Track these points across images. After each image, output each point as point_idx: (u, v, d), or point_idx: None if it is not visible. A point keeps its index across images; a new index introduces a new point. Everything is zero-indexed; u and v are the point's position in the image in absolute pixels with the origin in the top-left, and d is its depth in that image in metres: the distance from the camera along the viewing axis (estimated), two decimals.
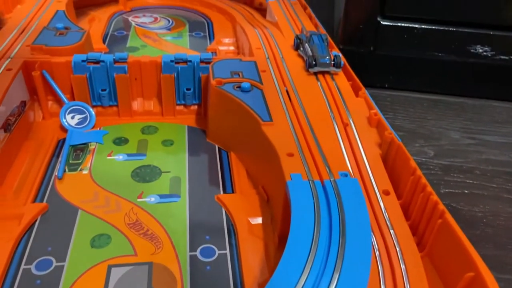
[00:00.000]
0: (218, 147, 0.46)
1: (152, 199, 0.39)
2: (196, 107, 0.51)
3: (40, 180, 0.40)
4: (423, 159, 0.52)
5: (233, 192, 0.40)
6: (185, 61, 0.49)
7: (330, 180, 0.33)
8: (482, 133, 0.58)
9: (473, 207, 0.45)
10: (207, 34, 0.72)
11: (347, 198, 0.31)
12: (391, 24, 0.63)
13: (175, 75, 0.49)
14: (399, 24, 0.63)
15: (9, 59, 0.46)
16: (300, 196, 0.31)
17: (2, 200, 0.37)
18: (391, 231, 0.33)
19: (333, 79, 0.47)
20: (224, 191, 0.41)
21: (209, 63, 0.49)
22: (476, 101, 0.65)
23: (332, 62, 0.48)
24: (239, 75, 0.46)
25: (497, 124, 0.60)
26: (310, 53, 0.49)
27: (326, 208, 0.31)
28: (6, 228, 0.34)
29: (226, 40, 0.69)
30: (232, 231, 0.36)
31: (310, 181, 0.33)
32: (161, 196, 0.39)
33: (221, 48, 0.67)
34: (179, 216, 0.37)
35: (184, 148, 0.46)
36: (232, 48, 0.68)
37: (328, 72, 0.49)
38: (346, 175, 0.34)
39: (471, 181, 0.49)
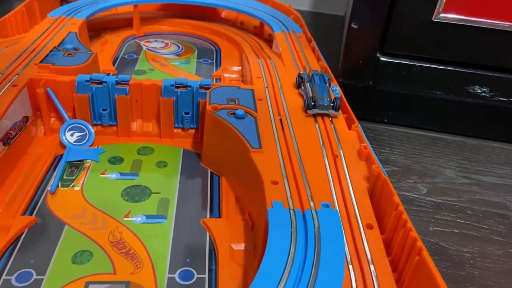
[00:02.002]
0: (211, 172, 0.47)
1: (139, 219, 0.39)
2: (193, 131, 0.52)
3: (32, 194, 0.41)
4: (415, 196, 0.52)
5: (219, 217, 0.41)
6: (185, 86, 0.50)
7: (311, 210, 0.33)
8: (478, 173, 0.57)
9: (462, 247, 0.44)
10: (214, 61, 0.74)
11: (325, 230, 0.31)
12: (390, 60, 0.64)
13: (175, 99, 0.50)
14: (398, 61, 0.64)
15: (16, 75, 0.48)
16: (278, 224, 0.31)
17: None
18: (371, 266, 0.32)
19: (331, 121, 0.47)
20: (211, 215, 0.41)
21: (208, 89, 0.50)
22: (475, 140, 0.65)
23: (332, 105, 0.47)
24: (235, 102, 0.48)
25: (494, 165, 0.59)
26: (310, 94, 0.48)
27: (304, 237, 0.31)
28: None
29: (232, 68, 0.71)
30: (214, 256, 0.36)
31: (291, 210, 0.33)
32: (147, 217, 0.40)
33: (226, 75, 0.69)
34: (163, 237, 0.38)
35: (177, 171, 0.47)
36: (236, 76, 0.69)
37: (327, 115, 0.48)
38: (327, 206, 0.34)
39: (462, 221, 0.49)
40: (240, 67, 0.72)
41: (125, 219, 0.39)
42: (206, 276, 0.34)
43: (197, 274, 0.34)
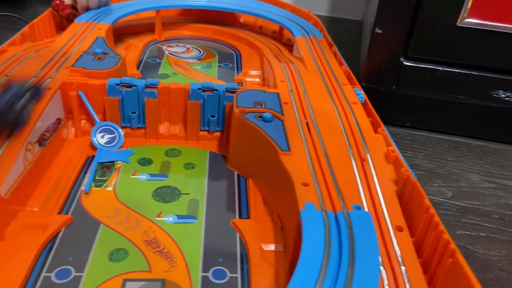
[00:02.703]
0: (237, 174, 0.48)
1: (170, 219, 0.40)
2: (219, 133, 0.53)
3: (67, 193, 0.42)
4: (441, 199, 0.52)
5: (248, 218, 0.41)
6: (212, 90, 0.51)
7: (343, 212, 0.34)
8: (502, 178, 0.57)
9: (489, 250, 0.44)
10: (235, 65, 0.75)
11: (358, 231, 0.32)
12: (413, 65, 0.64)
13: (202, 102, 0.51)
14: (422, 66, 0.64)
15: (50, 79, 0.50)
16: (312, 225, 0.32)
17: (30, 210, 0.39)
18: (402, 267, 0.33)
19: (357, 125, 0.47)
20: (240, 216, 0.42)
21: (234, 92, 0.51)
22: (498, 145, 0.65)
23: None
24: (261, 106, 0.48)
25: None
26: None
27: (337, 239, 0.31)
28: (31, 236, 0.36)
29: (253, 72, 0.72)
30: (245, 256, 0.37)
31: (323, 211, 0.34)
32: (178, 217, 0.41)
33: (247, 79, 0.70)
34: (195, 237, 0.39)
35: (204, 172, 0.48)
36: (258, 80, 0.70)
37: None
38: (359, 208, 0.35)
39: (488, 225, 0.49)
40: (260, 71, 0.73)
41: (157, 218, 0.40)
42: (239, 275, 0.35)
43: (230, 273, 0.35)
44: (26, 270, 0.33)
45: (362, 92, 0.54)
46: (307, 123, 0.47)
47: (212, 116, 0.52)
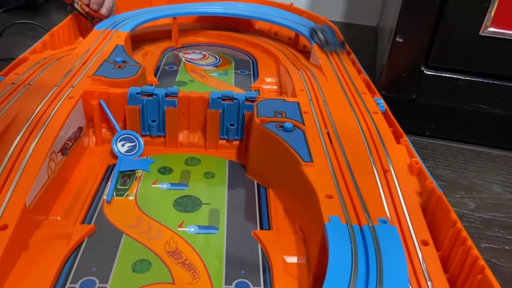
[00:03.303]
0: (257, 183, 0.48)
1: (192, 229, 0.40)
2: (238, 142, 0.53)
3: (89, 203, 0.42)
4: (464, 211, 0.51)
5: (269, 229, 0.41)
6: (231, 99, 0.51)
7: (369, 226, 0.33)
8: None
9: None
10: (251, 72, 0.75)
11: (385, 246, 0.31)
12: (434, 74, 0.63)
13: (221, 111, 0.51)
14: (443, 75, 0.63)
15: (72, 88, 0.50)
16: (338, 240, 0.32)
17: (53, 219, 0.40)
18: (429, 283, 0.32)
19: (379, 135, 0.47)
20: (261, 227, 0.41)
21: (254, 101, 0.51)
22: None
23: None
24: (282, 115, 0.48)
25: None
26: (323, 38, 0.69)
27: (364, 254, 0.31)
28: (55, 246, 0.36)
29: (270, 79, 0.72)
30: (267, 268, 0.37)
31: (348, 225, 0.33)
32: (200, 227, 0.41)
33: (264, 86, 0.70)
34: (217, 248, 0.38)
35: (224, 182, 0.48)
36: (275, 87, 0.70)
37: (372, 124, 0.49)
38: (385, 222, 0.34)
39: None
40: (277, 79, 0.72)
41: (179, 229, 0.40)
42: None
43: (253, 286, 0.35)
44: (51, 281, 0.33)
45: (382, 101, 0.54)
46: (328, 133, 0.46)
47: (231, 125, 0.52)
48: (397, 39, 0.60)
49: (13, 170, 0.37)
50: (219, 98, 0.51)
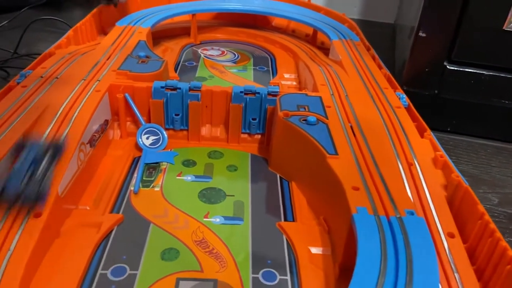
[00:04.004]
0: (280, 176, 0.48)
1: (217, 220, 0.41)
2: (259, 136, 0.54)
3: (117, 193, 0.43)
4: (487, 206, 0.51)
5: (293, 221, 0.42)
6: (254, 93, 0.52)
7: (396, 217, 0.34)
8: None
9: None
10: (270, 68, 0.76)
11: (414, 238, 0.31)
12: (457, 69, 0.63)
13: (243, 105, 0.52)
14: (466, 70, 0.63)
15: (98, 81, 0.51)
16: (366, 230, 0.32)
17: (83, 209, 0.41)
18: (456, 274, 0.32)
19: (403, 129, 0.47)
20: (285, 219, 0.42)
21: (276, 95, 0.52)
22: None
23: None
24: (305, 109, 0.49)
25: None
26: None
27: (392, 245, 0.31)
28: (86, 235, 0.37)
29: (288, 75, 0.72)
30: (293, 258, 0.37)
31: (376, 216, 0.33)
32: (225, 218, 0.41)
33: (283, 82, 0.70)
34: (242, 238, 0.39)
35: (247, 174, 0.48)
36: (294, 83, 0.70)
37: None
38: (412, 213, 0.34)
39: None
40: (296, 75, 0.73)
41: (204, 219, 0.41)
42: (288, 278, 0.35)
43: (279, 275, 0.35)
44: (83, 267, 0.34)
45: (405, 96, 0.54)
46: (351, 127, 0.46)
47: (253, 119, 0.53)
48: (420, 34, 0.60)
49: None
50: (241, 92, 0.52)
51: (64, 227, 0.38)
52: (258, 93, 0.52)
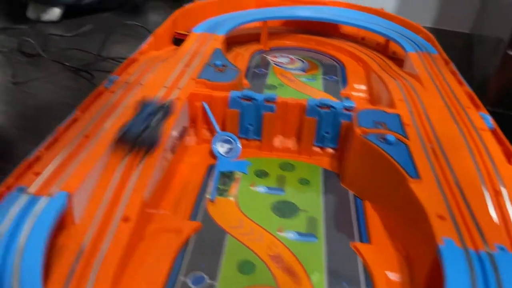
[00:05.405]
0: (353, 194, 0.47)
1: (291, 235, 0.41)
2: (331, 150, 0.53)
3: (194, 200, 0.44)
4: None
5: (369, 242, 0.41)
6: (329, 107, 0.51)
7: (486, 252, 0.32)
8: None
9: None
10: (339, 78, 0.75)
11: (507, 277, 0.30)
12: None
13: (318, 118, 0.52)
14: None
15: (178, 89, 0.53)
16: (455, 265, 0.31)
17: (163, 214, 0.42)
18: None
19: (488, 154, 0.45)
20: (360, 240, 0.41)
21: (351, 110, 0.51)
22: None
23: None
24: (382, 126, 0.47)
25: None
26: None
27: (483, 283, 0.30)
28: (168, 239, 0.39)
29: (358, 86, 0.71)
30: (369, 282, 0.36)
31: (465, 250, 0.32)
32: (299, 234, 0.41)
33: (354, 94, 0.69)
34: (317, 257, 0.39)
35: (319, 189, 0.48)
36: (364, 95, 0.69)
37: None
38: (503, 249, 0.32)
39: None
40: (366, 86, 0.71)
41: (279, 233, 0.41)
42: None
43: None
44: (166, 271, 0.36)
45: (490, 117, 0.51)
46: (432, 148, 0.45)
47: (327, 133, 0.52)
48: (509, 52, 0.57)
49: (133, 166, 0.40)
50: (317, 105, 0.51)
51: (147, 230, 0.39)
52: (334, 107, 0.51)
